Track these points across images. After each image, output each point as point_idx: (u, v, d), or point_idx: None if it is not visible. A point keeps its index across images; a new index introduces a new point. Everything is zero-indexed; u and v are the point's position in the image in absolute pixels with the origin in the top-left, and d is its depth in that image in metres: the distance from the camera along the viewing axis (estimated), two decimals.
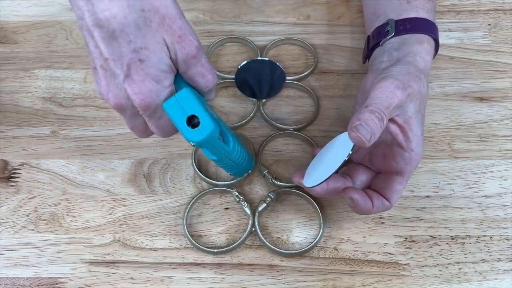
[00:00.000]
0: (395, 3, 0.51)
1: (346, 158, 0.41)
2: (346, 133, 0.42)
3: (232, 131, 0.48)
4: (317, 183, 0.43)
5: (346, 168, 0.48)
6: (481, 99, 0.56)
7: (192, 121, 0.39)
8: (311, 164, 0.47)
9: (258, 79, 0.57)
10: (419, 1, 0.50)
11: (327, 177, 0.42)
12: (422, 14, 0.50)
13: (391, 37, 0.49)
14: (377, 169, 0.47)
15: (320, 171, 0.44)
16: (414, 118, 0.44)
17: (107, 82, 0.38)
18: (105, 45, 0.37)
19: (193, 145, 0.40)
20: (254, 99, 0.56)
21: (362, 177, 0.47)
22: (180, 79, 0.41)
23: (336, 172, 0.42)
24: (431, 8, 0.51)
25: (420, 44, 0.48)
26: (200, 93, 0.43)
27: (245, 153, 0.47)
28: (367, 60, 0.53)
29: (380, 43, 0.50)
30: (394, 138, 0.44)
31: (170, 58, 0.39)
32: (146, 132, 0.43)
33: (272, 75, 0.57)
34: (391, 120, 0.43)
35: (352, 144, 0.41)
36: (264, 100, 0.56)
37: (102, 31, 0.37)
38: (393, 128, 0.43)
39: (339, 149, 0.43)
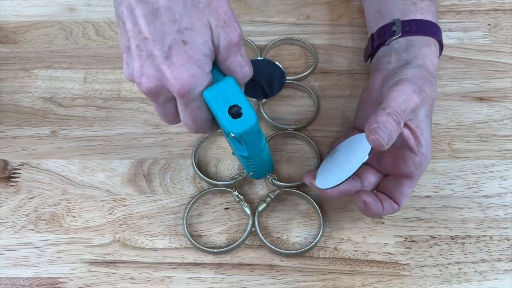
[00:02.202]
0: (400, 4, 0.51)
1: (365, 161, 0.41)
2: (361, 135, 0.42)
3: None
4: (332, 186, 0.43)
5: None
6: (481, 99, 0.56)
7: (234, 112, 0.37)
8: (323, 165, 0.46)
9: (258, 79, 0.57)
10: (425, 3, 0.50)
11: (343, 180, 0.42)
12: (428, 17, 0.50)
13: (398, 38, 0.49)
14: (386, 172, 0.47)
15: (334, 173, 0.44)
16: (425, 122, 0.44)
17: (142, 63, 0.36)
18: (146, 23, 0.35)
19: (232, 137, 0.38)
20: (254, 99, 0.56)
21: (371, 179, 0.47)
22: (214, 68, 0.38)
23: (353, 175, 0.42)
24: (435, 11, 0.51)
25: (428, 47, 0.48)
26: None
27: (269, 153, 0.46)
28: (370, 58, 0.53)
29: (386, 42, 0.49)
30: (405, 142, 0.44)
31: (212, 42, 0.37)
32: (176, 119, 0.41)
33: (272, 75, 0.57)
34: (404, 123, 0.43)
35: (369, 147, 0.40)
36: (264, 100, 0.56)
37: (145, 8, 0.34)
38: (405, 131, 0.43)
39: (355, 151, 0.43)
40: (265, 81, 0.57)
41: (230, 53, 0.38)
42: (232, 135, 0.38)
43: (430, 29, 0.49)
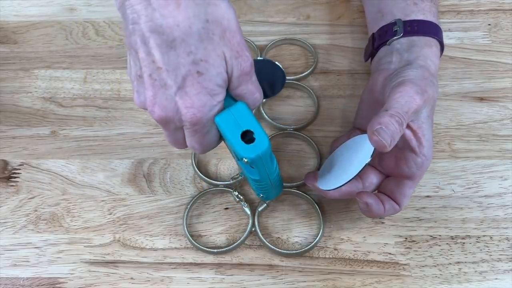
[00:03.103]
0: (401, 4, 0.51)
1: (368, 163, 0.41)
2: (363, 135, 0.41)
3: None
4: (335, 187, 0.43)
5: None
6: (481, 99, 0.56)
7: (246, 137, 0.37)
8: (324, 166, 0.46)
9: (258, 79, 0.57)
10: (426, 3, 0.50)
11: (346, 181, 0.42)
12: (429, 17, 0.50)
13: (399, 38, 0.49)
14: (387, 173, 0.47)
15: (336, 174, 0.44)
16: (426, 123, 0.44)
17: (155, 93, 0.36)
18: (160, 54, 0.34)
19: (245, 162, 0.38)
20: None
21: (372, 180, 0.47)
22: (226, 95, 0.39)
23: (355, 177, 0.42)
24: (436, 12, 0.51)
25: (429, 48, 0.48)
26: None
27: (279, 175, 0.45)
28: (370, 58, 0.53)
29: (387, 42, 0.49)
30: (407, 143, 0.44)
31: (226, 72, 0.37)
32: (185, 144, 0.41)
33: (272, 75, 0.57)
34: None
35: (372, 148, 0.40)
36: (264, 100, 0.56)
37: (160, 38, 0.34)
38: (407, 132, 0.43)
39: (357, 153, 0.43)
40: (265, 81, 0.57)
41: (242, 81, 0.38)
42: (245, 160, 0.38)
43: (431, 30, 0.49)
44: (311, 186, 0.46)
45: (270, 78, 0.57)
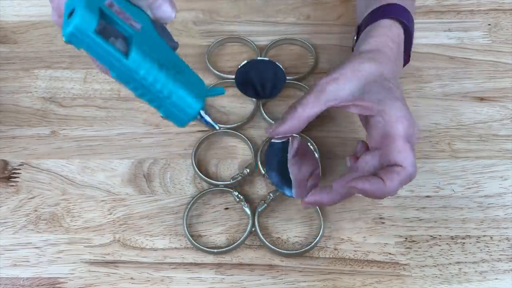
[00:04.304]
0: None
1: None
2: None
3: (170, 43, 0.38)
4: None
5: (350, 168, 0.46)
6: (481, 99, 0.56)
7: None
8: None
9: (258, 79, 0.57)
10: None
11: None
12: (395, 0, 0.50)
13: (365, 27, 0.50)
14: (377, 148, 0.44)
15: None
16: (374, 94, 0.43)
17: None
18: None
19: (66, 41, 0.32)
20: (254, 99, 0.56)
21: (367, 160, 0.44)
22: None
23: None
24: None
25: (384, 27, 0.48)
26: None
27: (172, 80, 0.35)
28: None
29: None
30: (362, 118, 0.45)
31: None
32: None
33: (272, 75, 0.57)
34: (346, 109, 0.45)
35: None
36: (264, 100, 0.56)
37: None
38: (356, 110, 0.45)
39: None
40: (265, 81, 0.57)
41: None
42: (63, 39, 0.32)
43: (390, 11, 0.49)
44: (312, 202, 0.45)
45: (270, 78, 0.57)
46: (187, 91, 0.35)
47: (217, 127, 0.38)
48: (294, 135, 0.47)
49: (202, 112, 0.36)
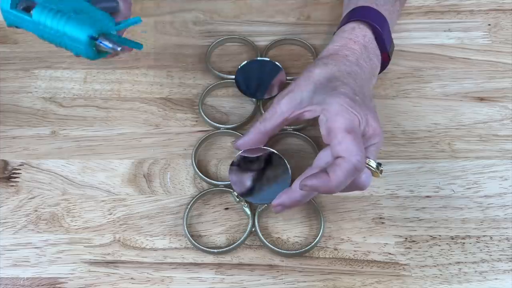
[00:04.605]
0: None
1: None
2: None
3: None
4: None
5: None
6: (481, 99, 0.56)
7: None
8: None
9: (258, 79, 0.57)
10: None
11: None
12: (367, 3, 0.52)
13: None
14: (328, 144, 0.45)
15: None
16: (318, 98, 0.45)
17: None
18: None
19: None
20: (254, 99, 0.56)
21: (325, 158, 0.44)
22: None
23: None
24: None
25: (345, 31, 0.51)
26: None
27: (65, 20, 0.42)
28: None
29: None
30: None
31: None
32: None
33: (272, 75, 0.57)
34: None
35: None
36: (264, 100, 0.56)
37: None
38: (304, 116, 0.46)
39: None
40: (265, 81, 0.57)
41: None
42: None
43: (359, 15, 0.51)
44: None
45: (270, 78, 0.57)
46: (76, 25, 0.42)
47: (119, 49, 0.42)
48: (264, 147, 0.49)
49: (102, 39, 0.42)
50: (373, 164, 0.43)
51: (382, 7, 0.52)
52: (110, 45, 0.41)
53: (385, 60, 0.52)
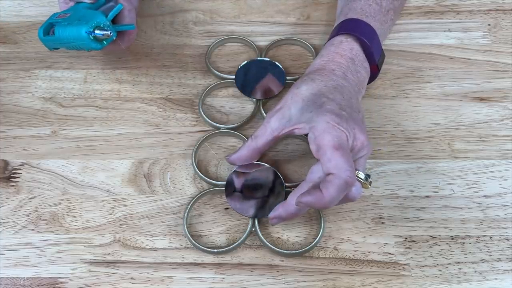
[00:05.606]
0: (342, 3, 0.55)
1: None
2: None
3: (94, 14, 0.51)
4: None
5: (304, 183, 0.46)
6: (481, 99, 0.56)
7: None
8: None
9: (258, 79, 0.57)
10: (358, 3, 0.53)
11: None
12: (354, 16, 0.52)
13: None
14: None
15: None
16: (305, 116, 0.46)
17: None
18: None
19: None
20: (254, 99, 0.56)
21: (317, 174, 0.45)
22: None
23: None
24: (375, 8, 0.53)
25: (333, 45, 0.51)
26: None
27: (70, 27, 0.51)
28: None
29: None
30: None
31: None
32: None
33: (272, 75, 0.57)
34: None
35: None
36: (264, 100, 0.56)
37: None
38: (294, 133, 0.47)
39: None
40: (265, 81, 0.57)
41: None
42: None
43: (346, 28, 0.52)
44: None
45: (270, 78, 0.57)
46: (77, 28, 0.50)
47: (109, 33, 0.50)
48: (258, 162, 0.50)
49: (96, 31, 0.49)
50: (362, 176, 0.45)
51: (372, 19, 0.52)
52: (102, 33, 0.49)
53: (374, 71, 0.52)
